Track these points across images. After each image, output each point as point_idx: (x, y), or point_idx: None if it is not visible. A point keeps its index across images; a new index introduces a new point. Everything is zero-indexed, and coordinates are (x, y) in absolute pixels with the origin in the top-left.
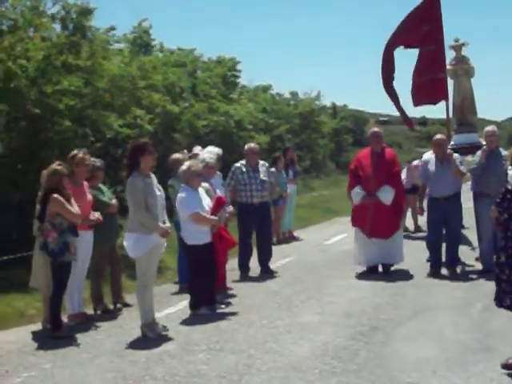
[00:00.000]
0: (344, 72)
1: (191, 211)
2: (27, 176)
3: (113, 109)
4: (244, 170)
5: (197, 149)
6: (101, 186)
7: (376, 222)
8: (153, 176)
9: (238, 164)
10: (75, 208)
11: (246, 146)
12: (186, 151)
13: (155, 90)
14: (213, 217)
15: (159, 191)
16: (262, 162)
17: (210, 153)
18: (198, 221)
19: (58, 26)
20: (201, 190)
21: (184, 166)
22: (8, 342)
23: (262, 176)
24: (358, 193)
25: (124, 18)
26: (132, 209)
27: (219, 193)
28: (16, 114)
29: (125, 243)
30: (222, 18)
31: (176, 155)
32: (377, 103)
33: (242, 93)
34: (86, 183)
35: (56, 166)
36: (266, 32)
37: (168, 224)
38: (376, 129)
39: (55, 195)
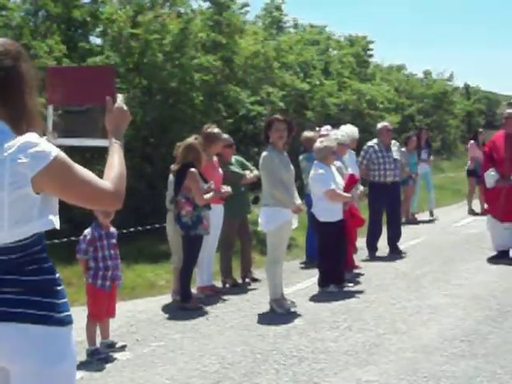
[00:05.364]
0: (477, 52)
1: (326, 188)
2: (159, 149)
3: (246, 85)
4: (377, 148)
5: (325, 128)
6: (232, 160)
7: (509, 206)
8: (285, 153)
9: (370, 143)
10: (206, 195)
11: (379, 125)
12: (317, 128)
13: (288, 68)
14: (346, 194)
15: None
16: (393, 142)
17: (344, 131)
18: (332, 197)
19: (202, 4)
20: (333, 168)
21: (319, 143)
22: (138, 311)
23: (395, 155)
24: (491, 175)
25: None
26: (266, 183)
27: (350, 171)
28: (151, 88)
29: (259, 218)
30: None
31: (309, 133)
32: (510, 84)
33: (374, 72)
34: (215, 158)
35: (193, 140)
36: (396, 10)
37: (300, 201)
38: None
39: (193, 170)
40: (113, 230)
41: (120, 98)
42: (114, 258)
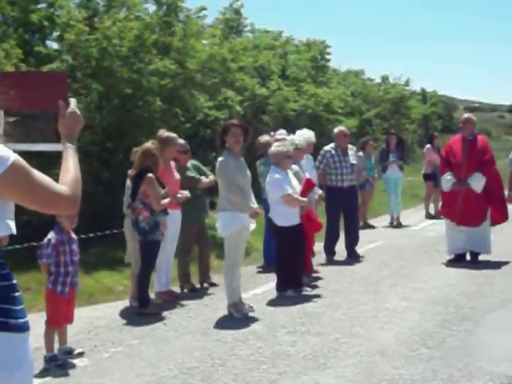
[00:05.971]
0: (434, 57)
1: (283, 192)
2: (117, 154)
3: (203, 90)
4: (334, 153)
5: (280, 133)
6: (189, 164)
7: (465, 210)
8: (241, 158)
9: (327, 147)
10: (164, 201)
11: (336, 129)
12: (272, 133)
13: (246, 72)
14: (303, 198)
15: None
16: (350, 146)
17: (301, 135)
18: (289, 202)
19: (151, 7)
20: (289, 172)
21: (274, 148)
22: (96, 317)
23: (352, 159)
24: (448, 179)
25: None
26: (223, 188)
27: (308, 175)
28: (108, 93)
29: (216, 223)
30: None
31: (265, 138)
32: (467, 89)
33: (332, 76)
34: (172, 163)
35: (150, 145)
36: (355, 16)
37: (256, 205)
38: (468, 115)
39: (151, 175)
40: (74, 236)
41: (73, 102)
42: (74, 264)
